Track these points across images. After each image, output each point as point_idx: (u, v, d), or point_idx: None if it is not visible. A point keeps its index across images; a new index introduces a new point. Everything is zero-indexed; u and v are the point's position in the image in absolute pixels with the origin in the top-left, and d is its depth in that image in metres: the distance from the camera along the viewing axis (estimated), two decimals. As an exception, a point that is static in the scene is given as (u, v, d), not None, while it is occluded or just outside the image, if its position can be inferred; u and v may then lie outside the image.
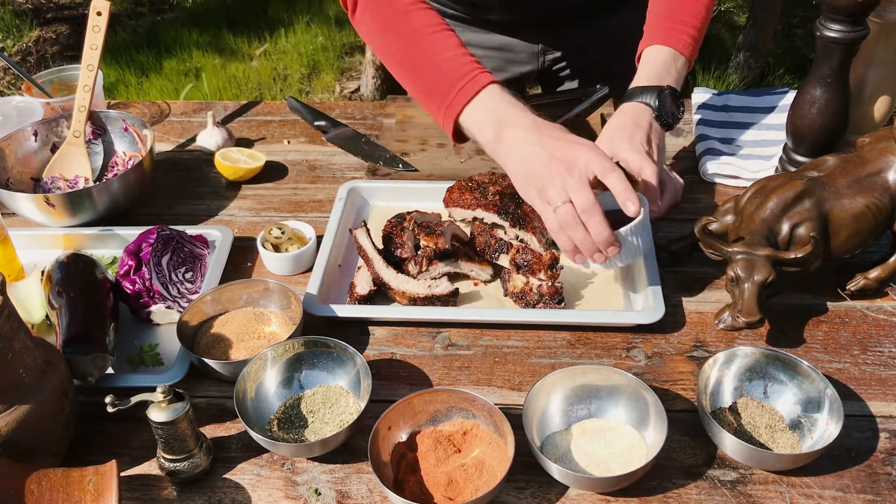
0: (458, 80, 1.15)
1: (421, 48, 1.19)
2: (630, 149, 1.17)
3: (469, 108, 1.15)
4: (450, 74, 1.16)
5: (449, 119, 1.17)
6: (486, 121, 1.14)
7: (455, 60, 1.17)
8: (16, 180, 1.44)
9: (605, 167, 1.04)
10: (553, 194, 1.06)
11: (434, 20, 1.21)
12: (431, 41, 1.19)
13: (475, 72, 1.16)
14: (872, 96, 1.29)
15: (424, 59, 1.19)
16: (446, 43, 1.19)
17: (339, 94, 3.95)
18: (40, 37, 4.38)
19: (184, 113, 1.75)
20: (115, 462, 0.88)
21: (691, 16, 1.28)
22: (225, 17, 4.48)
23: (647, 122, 1.22)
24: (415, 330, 1.17)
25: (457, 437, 0.98)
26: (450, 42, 1.19)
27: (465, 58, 1.17)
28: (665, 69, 1.25)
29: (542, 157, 1.07)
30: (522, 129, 1.10)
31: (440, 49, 1.18)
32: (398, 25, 1.22)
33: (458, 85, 1.15)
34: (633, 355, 1.11)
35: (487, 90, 1.15)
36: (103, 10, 1.41)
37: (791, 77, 3.67)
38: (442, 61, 1.18)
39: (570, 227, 1.05)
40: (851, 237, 1.11)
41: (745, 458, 0.94)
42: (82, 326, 1.06)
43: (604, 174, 1.04)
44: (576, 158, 1.05)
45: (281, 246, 1.28)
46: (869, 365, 1.08)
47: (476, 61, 1.18)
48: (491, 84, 1.15)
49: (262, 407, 1.04)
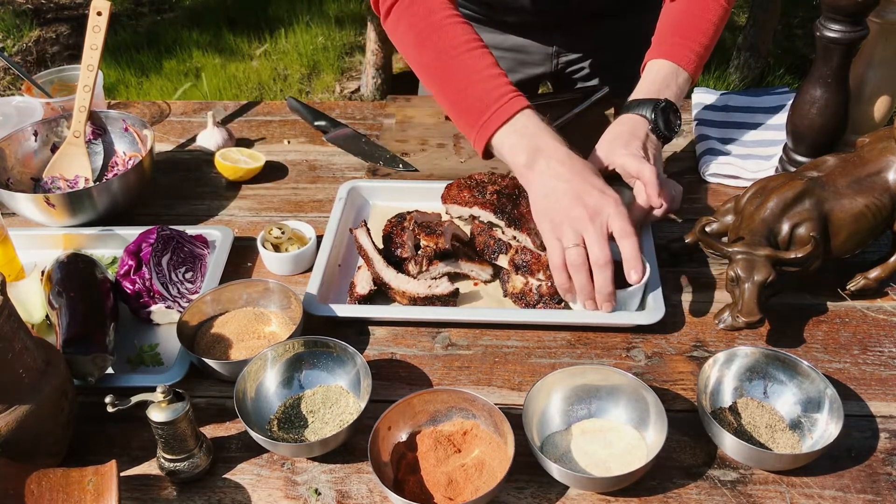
0: (494, 102, 1.16)
1: (457, 65, 1.20)
2: (626, 154, 1.18)
3: (504, 131, 1.16)
4: (486, 95, 1.17)
5: (482, 138, 1.18)
6: (519, 146, 1.15)
7: (492, 81, 1.18)
8: (16, 180, 1.44)
9: (624, 229, 1.07)
10: (568, 234, 1.08)
11: (470, 36, 1.22)
12: (468, 58, 1.20)
13: (511, 94, 1.17)
14: (872, 96, 1.29)
15: (461, 76, 1.20)
16: (483, 62, 1.20)
17: (339, 94, 3.95)
18: (40, 37, 4.39)
19: (184, 113, 1.75)
20: (115, 462, 0.88)
21: (699, 32, 1.28)
22: (225, 17, 4.49)
23: (644, 133, 1.23)
24: (415, 330, 1.17)
25: (457, 437, 0.98)
26: (486, 61, 1.20)
27: (502, 79, 1.19)
28: (665, 83, 1.26)
29: (568, 196, 1.09)
30: (557, 162, 1.12)
31: (478, 68, 1.19)
32: (434, 39, 1.22)
33: (494, 106, 1.16)
34: (633, 355, 1.11)
35: (523, 114, 1.16)
36: (103, 10, 1.41)
37: (791, 77, 3.67)
38: (479, 80, 1.19)
39: (576, 270, 1.08)
40: (851, 237, 1.11)
41: (745, 458, 0.95)
42: (82, 326, 1.06)
43: (621, 236, 1.07)
44: (601, 209, 1.07)
45: (281, 246, 1.28)
46: (869, 365, 1.08)
47: (510, 83, 1.19)
48: (527, 108, 1.17)
49: (262, 407, 1.04)
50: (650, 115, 1.23)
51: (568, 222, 1.08)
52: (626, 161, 1.17)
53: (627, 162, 1.17)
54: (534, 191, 1.14)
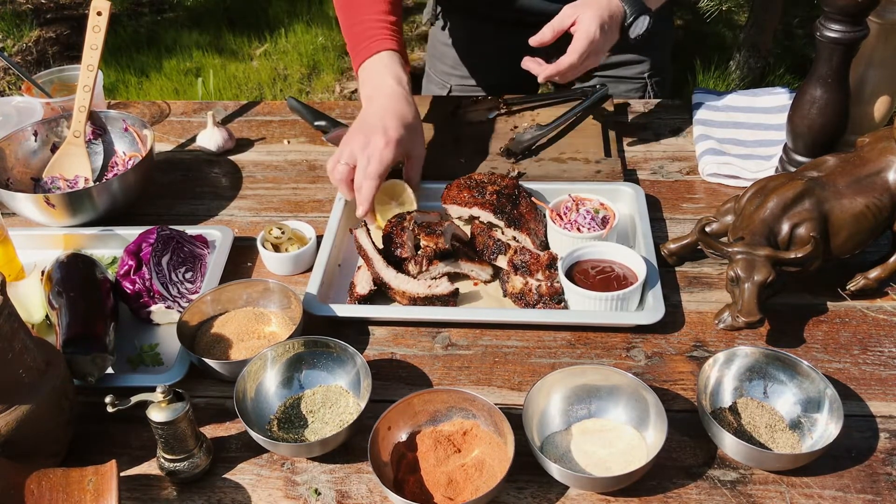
0: (362, 41, 1.37)
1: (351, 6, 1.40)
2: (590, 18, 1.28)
3: (364, 65, 1.37)
4: (362, 34, 1.38)
5: (355, 68, 1.39)
6: (366, 81, 1.36)
7: (370, 23, 1.37)
8: (16, 180, 1.44)
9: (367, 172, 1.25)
10: (346, 152, 1.28)
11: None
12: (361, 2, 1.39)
13: (375, 38, 1.36)
14: (872, 96, 1.29)
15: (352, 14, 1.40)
16: (372, 9, 1.38)
17: (339, 94, 3.95)
18: (40, 37, 4.38)
19: (184, 113, 1.75)
20: (114, 462, 0.88)
21: None
22: (225, 17, 4.48)
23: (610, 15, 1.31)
24: (415, 330, 1.17)
25: (457, 437, 0.98)
26: (375, 8, 1.37)
27: (378, 23, 1.37)
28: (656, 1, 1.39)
29: (363, 128, 1.29)
30: (375, 101, 1.32)
31: (364, 12, 1.38)
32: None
33: (360, 45, 1.37)
34: (633, 355, 1.11)
35: (378, 56, 1.35)
36: (103, 10, 1.41)
37: (791, 77, 3.67)
38: (359, 21, 1.39)
39: (339, 181, 1.28)
40: (851, 237, 1.11)
41: (745, 458, 0.94)
42: (82, 326, 1.06)
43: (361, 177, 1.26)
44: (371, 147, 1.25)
45: (281, 246, 1.28)
46: (869, 365, 1.08)
47: (386, 27, 1.36)
48: (382, 52, 1.35)
49: (262, 407, 1.04)
50: (629, 11, 1.32)
51: (349, 145, 1.28)
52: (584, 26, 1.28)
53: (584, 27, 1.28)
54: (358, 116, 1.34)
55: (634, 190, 1.34)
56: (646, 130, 1.59)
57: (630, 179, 1.43)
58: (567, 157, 1.47)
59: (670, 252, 1.24)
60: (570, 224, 1.26)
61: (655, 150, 1.53)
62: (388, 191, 1.34)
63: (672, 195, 1.41)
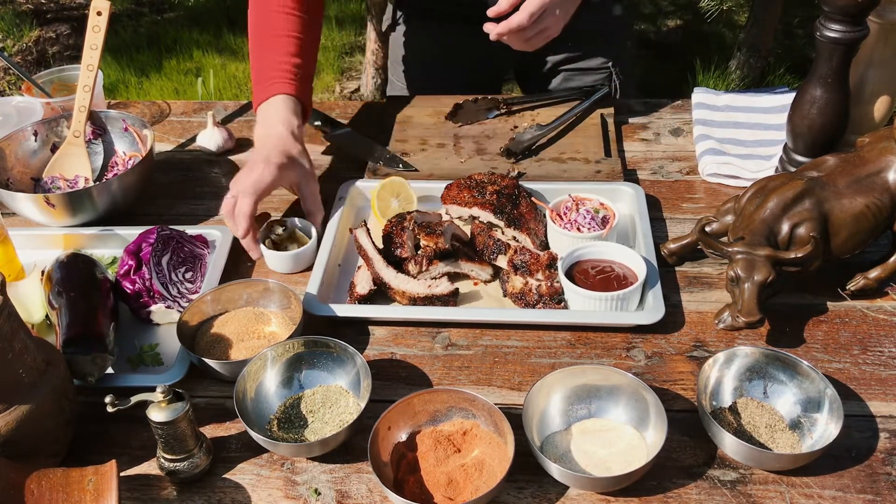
0: (260, 83, 1.38)
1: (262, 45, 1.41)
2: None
3: (259, 109, 1.37)
4: (260, 75, 1.39)
5: (255, 108, 1.39)
6: (260, 122, 1.37)
7: (270, 66, 1.38)
8: (16, 180, 1.44)
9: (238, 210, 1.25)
10: (232, 189, 1.28)
11: (284, 26, 1.38)
12: (269, 42, 1.40)
13: (274, 80, 1.36)
14: (872, 96, 1.29)
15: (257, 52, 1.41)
16: (278, 50, 1.38)
17: (339, 94, 3.95)
18: (40, 37, 4.38)
19: (184, 113, 1.75)
20: (114, 462, 0.88)
21: None
22: (225, 17, 4.48)
23: None
24: (415, 330, 1.17)
25: (457, 437, 0.98)
26: (281, 49, 1.38)
27: (279, 66, 1.37)
28: None
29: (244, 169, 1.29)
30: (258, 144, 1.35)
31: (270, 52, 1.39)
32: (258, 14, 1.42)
33: (259, 86, 1.38)
34: (633, 355, 1.11)
35: (273, 100, 1.35)
36: (103, 10, 1.41)
37: (791, 77, 3.67)
38: (263, 60, 1.39)
39: (226, 215, 1.28)
40: (851, 237, 1.11)
41: (745, 458, 0.94)
42: (82, 326, 1.06)
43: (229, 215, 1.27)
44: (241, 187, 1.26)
45: (282, 244, 1.28)
46: (869, 365, 1.08)
47: (287, 71, 1.37)
48: (277, 95, 1.35)
49: (262, 407, 1.04)
50: None
51: (235, 182, 1.28)
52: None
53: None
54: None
55: (634, 190, 1.34)
56: (646, 130, 1.59)
57: (630, 179, 1.43)
58: (567, 157, 1.47)
59: (670, 252, 1.24)
60: (570, 224, 1.26)
61: (655, 150, 1.53)
62: (388, 188, 1.34)
63: (672, 195, 1.41)
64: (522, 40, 1.34)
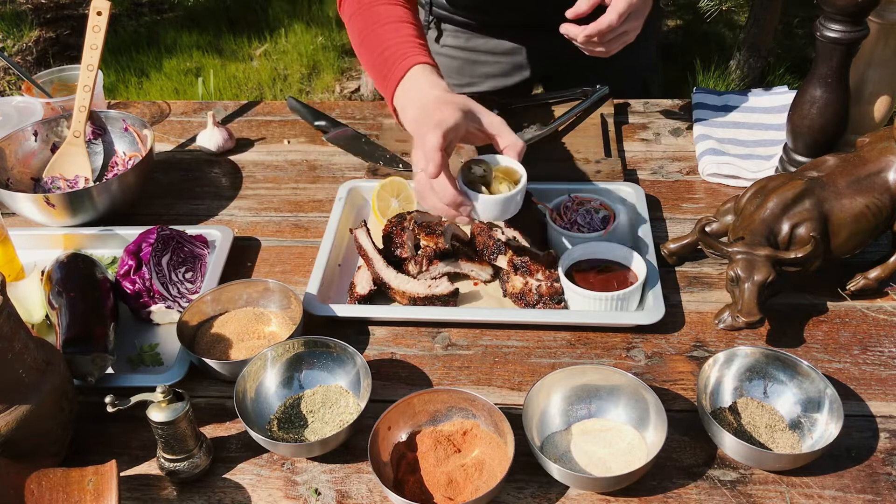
0: (391, 66, 1.22)
1: (375, 36, 1.28)
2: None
3: (397, 94, 1.21)
4: (388, 60, 1.24)
5: (390, 105, 1.24)
6: (403, 108, 1.20)
7: (396, 48, 1.23)
8: (16, 180, 1.44)
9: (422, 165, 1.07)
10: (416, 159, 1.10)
11: (393, 13, 1.27)
12: (384, 31, 1.27)
13: (407, 55, 1.21)
14: (872, 96, 1.29)
15: (374, 45, 1.27)
16: (398, 33, 1.26)
17: (339, 94, 3.95)
18: (40, 37, 4.38)
19: (184, 113, 1.75)
20: (114, 462, 0.88)
21: None
22: (225, 17, 4.48)
23: None
24: (415, 330, 1.17)
25: (457, 437, 0.98)
26: (401, 32, 1.26)
27: (404, 46, 1.23)
28: None
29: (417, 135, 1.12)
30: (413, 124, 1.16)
31: (390, 38, 1.26)
32: (362, 15, 1.31)
33: (392, 67, 1.22)
34: (633, 355, 1.11)
35: (411, 73, 1.20)
36: (103, 10, 1.41)
37: (791, 77, 3.67)
38: (386, 48, 1.25)
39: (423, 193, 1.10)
40: (851, 237, 1.11)
41: (745, 458, 0.95)
42: (82, 326, 1.06)
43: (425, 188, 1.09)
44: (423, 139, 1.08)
45: (487, 185, 1.10)
46: (869, 365, 1.08)
47: (417, 45, 1.23)
48: (415, 66, 1.20)
49: (262, 407, 1.04)
50: None
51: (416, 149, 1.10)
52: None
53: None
54: None
55: (634, 190, 1.34)
56: (646, 130, 1.59)
57: (630, 179, 1.43)
58: (567, 157, 1.47)
59: (670, 252, 1.24)
60: (570, 224, 1.26)
61: (655, 150, 1.53)
62: (388, 188, 1.34)
63: (672, 195, 1.41)
64: (602, 44, 1.24)
